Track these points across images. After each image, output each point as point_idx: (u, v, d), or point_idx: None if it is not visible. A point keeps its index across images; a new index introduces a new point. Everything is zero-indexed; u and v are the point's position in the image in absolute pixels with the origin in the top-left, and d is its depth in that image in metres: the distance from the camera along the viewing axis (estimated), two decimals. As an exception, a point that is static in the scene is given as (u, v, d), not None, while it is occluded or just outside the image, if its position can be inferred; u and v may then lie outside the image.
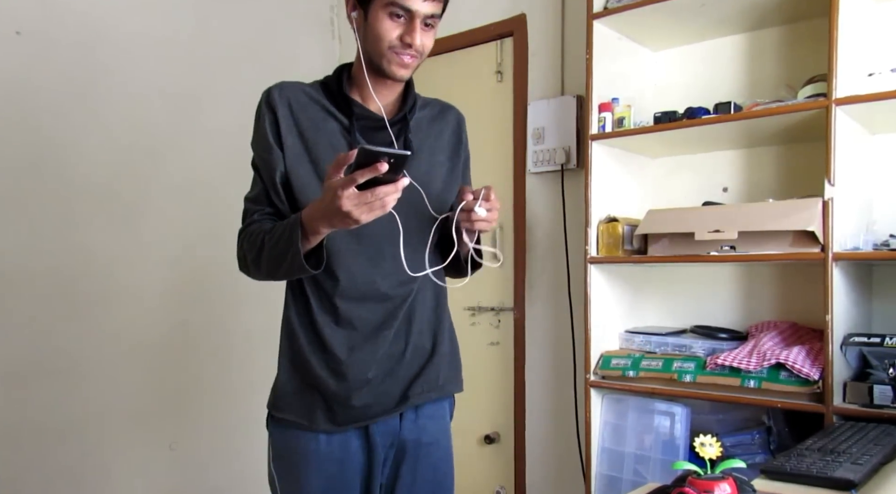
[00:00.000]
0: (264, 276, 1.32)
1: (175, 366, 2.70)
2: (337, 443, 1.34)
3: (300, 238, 1.19)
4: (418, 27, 1.28)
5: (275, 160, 1.32)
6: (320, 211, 1.15)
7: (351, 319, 1.33)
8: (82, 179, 2.44)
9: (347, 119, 1.35)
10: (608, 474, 2.18)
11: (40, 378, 2.33)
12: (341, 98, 1.36)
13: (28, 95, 2.32)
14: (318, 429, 1.33)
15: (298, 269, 1.22)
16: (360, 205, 1.08)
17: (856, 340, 1.76)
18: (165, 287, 2.68)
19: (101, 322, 2.49)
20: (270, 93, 1.35)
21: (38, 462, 2.32)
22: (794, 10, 2.04)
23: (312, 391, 1.34)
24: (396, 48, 1.29)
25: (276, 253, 1.23)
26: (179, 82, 2.73)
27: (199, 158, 2.78)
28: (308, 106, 1.35)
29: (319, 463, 1.32)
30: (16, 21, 2.29)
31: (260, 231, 1.29)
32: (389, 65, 1.31)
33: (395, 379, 1.37)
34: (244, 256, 1.33)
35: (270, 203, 1.34)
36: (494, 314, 2.85)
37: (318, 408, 1.33)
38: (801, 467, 1.29)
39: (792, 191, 2.11)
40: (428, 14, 1.30)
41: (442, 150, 1.46)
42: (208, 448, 2.81)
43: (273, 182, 1.32)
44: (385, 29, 1.27)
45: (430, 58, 1.41)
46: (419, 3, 1.26)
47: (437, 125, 1.48)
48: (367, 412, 1.34)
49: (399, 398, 1.37)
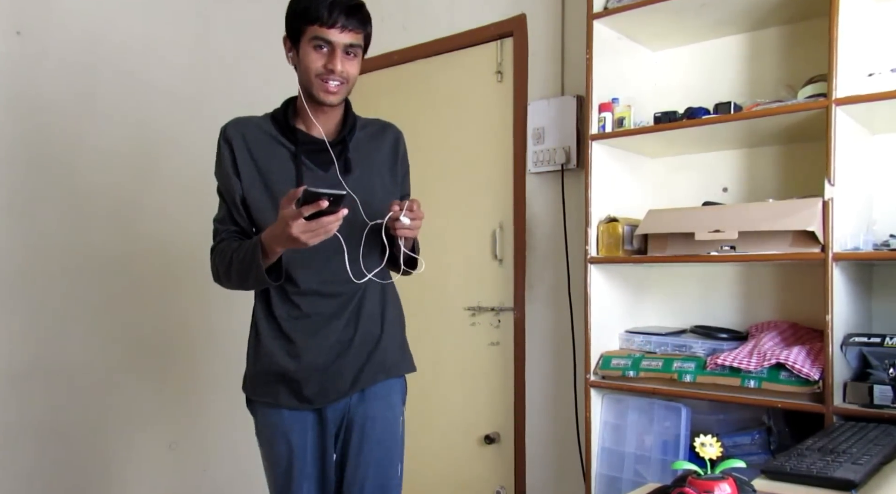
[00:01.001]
0: (235, 287, 1.57)
1: (175, 366, 2.70)
2: (297, 418, 1.58)
3: (261, 257, 1.43)
4: (339, 56, 1.49)
5: (234, 187, 1.55)
6: (274, 236, 1.39)
7: (307, 311, 1.56)
8: (82, 178, 2.44)
9: (294, 145, 1.56)
10: (608, 474, 2.17)
11: (40, 378, 2.33)
12: (287, 128, 1.57)
13: (28, 95, 2.32)
14: (282, 406, 1.58)
15: (262, 282, 1.47)
16: (306, 232, 1.32)
17: (856, 340, 1.76)
18: (165, 287, 2.68)
19: (101, 322, 2.49)
20: (227, 129, 1.58)
21: (38, 462, 2.32)
22: (794, 10, 2.04)
23: (276, 376, 1.57)
24: (322, 75, 1.50)
25: (243, 268, 1.47)
26: (179, 83, 2.73)
27: (198, 158, 2.77)
28: (259, 137, 1.57)
29: (283, 433, 1.57)
30: (16, 21, 2.29)
31: (228, 249, 1.53)
32: (318, 92, 1.52)
33: (347, 364, 1.58)
34: (216, 270, 1.58)
35: (234, 222, 1.58)
36: (494, 314, 2.85)
37: (281, 389, 1.57)
38: (802, 467, 1.28)
39: (792, 191, 2.11)
40: (347, 44, 1.49)
41: (381, 165, 1.66)
42: (208, 448, 2.81)
43: (235, 204, 1.56)
44: (311, 60, 1.49)
45: (429, 58, 1.46)
46: (337, 34, 1.48)
47: (374, 143, 1.67)
48: (323, 396, 1.57)
49: (350, 383, 1.58)
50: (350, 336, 1.59)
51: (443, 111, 3.03)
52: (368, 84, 2.97)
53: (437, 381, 3.01)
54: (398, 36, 3.11)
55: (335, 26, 1.47)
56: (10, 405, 2.26)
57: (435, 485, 3.00)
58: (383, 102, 3.19)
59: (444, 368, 2.99)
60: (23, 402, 2.29)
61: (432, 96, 3.06)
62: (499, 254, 2.84)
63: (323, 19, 1.46)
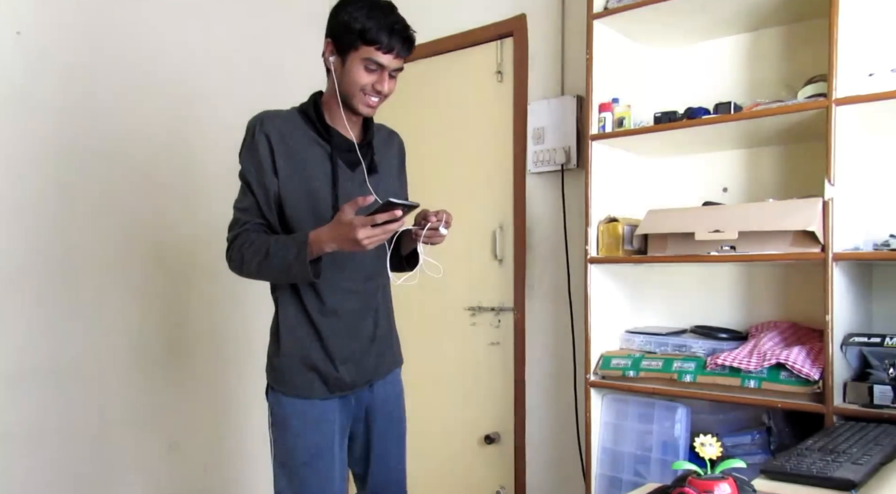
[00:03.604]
0: (263, 278, 1.64)
1: (175, 366, 2.70)
2: (328, 407, 1.68)
3: (308, 254, 1.50)
4: (387, 78, 1.60)
5: (269, 182, 1.60)
6: (331, 236, 1.47)
7: (336, 308, 1.66)
8: (82, 179, 2.44)
9: (328, 144, 1.64)
10: (608, 474, 2.18)
11: (40, 378, 2.33)
12: (322, 127, 1.64)
13: (28, 95, 2.32)
14: (314, 397, 1.66)
15: (303, 277, 1.54)
16: (370, 237, 1.43)
17: (856, 340, 1.76)
18: (165, 287, 2.68)
19: (101, 322, 2.49)
20: (263, 122, 1.62)
21: (38, 462, 2.32)
22: (794, 10, 2.04)
23: (308, 368, 1.66)
24: (367, 91, 1.59)
25: (281, 263, 1.53)
26: (179, 82, 2.73)
27: (199, 157, 2.78)
28: (294, 134, 1.63)
29: (314, 422, 1.66)
30: (16, 21, 2.29)
31: (260, 241, 1.58)
32: (359, 104, 1.61)
33: (370, 356, 1.73)
34: (242, 258, 1.60)
35: (261, 215, 1.62)
36: (494, 314, 2.85)
37: (315, 381, 1.66)
38: (802, 467, 1.29)
39: (792, 191, 2.11)
40: (395, 68, 1.61)
41: (392, 168, 1.79)
42: (208, 448, 2.81)
43: (267, 200, 1.61)
44: (360, 76, 1.57)
45: (430, 58, 1.48)
46: (390, 60, 1.58)
47: (387, 148, 1.79)
48: (350, 385, 1.69)
49: (372, 372, 1.74)
50: (372, 332, 1.74)
51: (443, 111, 3.03)
52: (368, 84, 2.97)
53: (437, 381, 3.01)
54: (398, 36, 3.11)
55: (391, 52, 1.56)
56: (10, 405, 2.26)
57: (435, 485, 3.00)
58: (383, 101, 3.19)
59: (444, 368, 2.99)
60: (22, 402, 2.29)
61: (432, 96, 3.06)
62: (499, 254, 2.84)
63: (382, 44, 1.54)
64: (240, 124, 1.70)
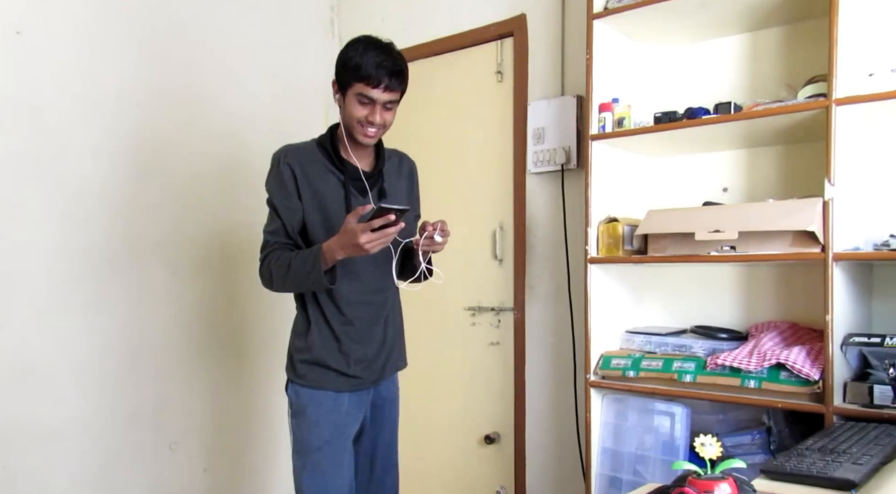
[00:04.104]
0: (289, 289, 1.85)
1: (175, 366, 2.70)
2: (341, 398, 1.87)
3: (322, 263, 1.69)
4: (378, 110, 1.76)
5: (295, 208, 1.82)
6: (340, 244, 1.66)
7: (352, 317, 1.87)
8: (82, 178, 2.44)
9: (342, 174, 1.84)
10: (608, 474, 2.18)
11: (40, 378, 2.33)
12: (337, 158, 1.84)
13: (28, 95, 2.32)
14: (330, 389, 1.86)
15: (319, 284, 1.74)
16: (371, 241, 1.61)
17: (856, 340, 1.76)
18: (166, 287, 2.68)
19: (101, 322, 2.49)
20: (287, 154, 1.83)
21: (38, 462, 2.32)
22: (794, 10, 2.04)
23: (327, 367, 1.86)
24: (363, 123, 1.77)
25: (302, 272, 1.73)
26: (179, 82, 2.73)
27: (199, 156, 2.78)
28: (313, 165, 1.83)
29: (328, 411, 1.85)
30: (16, 21, 2.29)
31: (285, 257, 1.78)
32: (358, 135, 1.80)
33: (379, 359, 1.93)
34: (270, 274, 1.82)
35: (287, 236, 1.83)
36: (494, 314, 2.85)
37: (332, 378, 1.86)
38: (802, 467, 1.29)
39: (792, 191, 2.11)
40: (387, 100, 1.76)
41: (402, 191, 1.97)
42: (208, 448, 2.81)
43: (292, 225, 1.82)
44: (355, 109, 1.76)
45: (430, 58, 1.50)
46: (380, 93, 1.73)
47: (398, 173, 1.97)
48: (362, 383, 1.89)
49: (379, 373, 1.93)
50: (383, 338, 1.93)
51: (443, 111, 3.03)
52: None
53: (438, 381, 3.01)
54: (398, 36, 3.07)
55: (379, 86, 1.72)
56: (9, 404, 2.26)
57: (435, 485, 3.00)
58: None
59: (445, 368, 2.99)
60: (22, 401, 2.29)
61: (432, 96, 3.06)
62: (499, 254, 2.84)
63: (371, 79, 1.70)
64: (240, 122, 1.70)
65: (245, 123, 2.93)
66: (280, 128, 2.98)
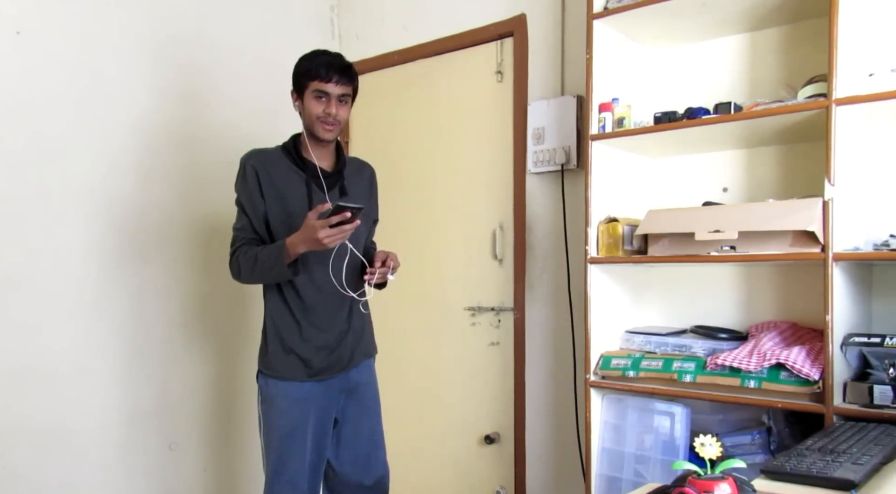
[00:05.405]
0: (255, 281, 2.02)
1: (175, 366, 2.70)
2: (308, 388, 2.01)
3: (285, 256, 1.86)
4: (334, 103, 1.96)
5: (259, 205, 1.99)
6: (301, 238, 1.83)
7: (313, 305, 2.01)
8: (81, 178, 2.44)
9: (304, 173, 2.02)
10: (608, 474, 2.18)
11: (39, 378, 2.33)
12: (299, 158, 2.03)
13: (28, 95, 2.32)
14: (296, 379, 2.00)
15: (283, 275, 1.92)
16: (329, 236, 1.78)
17: (856, 340, 1.76)
18: (165, 288, 2.68)
19: (101, 322, 2.49)
20: (252, 157, 2.01)
21: (38, 463, 2.32)
22: (794, 10, 2.04)
23: (292, 355, 2.00)
24: (322, 118, 1.96)
25: (267, 265, 1.91)
26: (179, 82, 2.73)
27: (199, 156, 2.78)
28: (277, 167, 2.01)
29: (295, 401, 2.00)
30: (16, 21, 2.29)
31: (252, 251, 1.95)
32: (318, 130, 1.98)
33: (345, 348, 2.06)
34: (239, 267, 1.98)
35: (254, 232, 2.01)
36: (494, 314, 2.85)
37: (298, 366, 2.00)
38: (802, 467, 1.29)
39: (792, 191, 2.11)
40: (340, 94, 1.96)
41: (362, 192, 2.14)
42: (208, 448, 2.81)
43: (258, 219, 2.00)
44: (313, 106, 1.96)
45: (429, 58, 1.52)
46: (333, 87, 1.94)
47: (357, 176, 2.15)
48: (329, 370, 2.03)
49: (347, 361, 2.07)
50: (347, 326, 2.07)
51: (443, 111, 3.03)
52: (369, 84, 2.97)
53: (437, 381, 3.01)
54: (398, 36, 3.12)
55: (331, 81, 1.93)
56: (10, 404, 2.26)
57: (435, 485, 3.00)
58: (384, 102, 3.19)
59: (444, 368, 2.99)
60: (22, 402, 2.29)
61: (432, 96, 3.06)
62: (499, 254, 2.84)
63: (322, 76, 1.92)
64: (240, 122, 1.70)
65: (245, 123, 2.93)
66: (280, 128, 2.97)
